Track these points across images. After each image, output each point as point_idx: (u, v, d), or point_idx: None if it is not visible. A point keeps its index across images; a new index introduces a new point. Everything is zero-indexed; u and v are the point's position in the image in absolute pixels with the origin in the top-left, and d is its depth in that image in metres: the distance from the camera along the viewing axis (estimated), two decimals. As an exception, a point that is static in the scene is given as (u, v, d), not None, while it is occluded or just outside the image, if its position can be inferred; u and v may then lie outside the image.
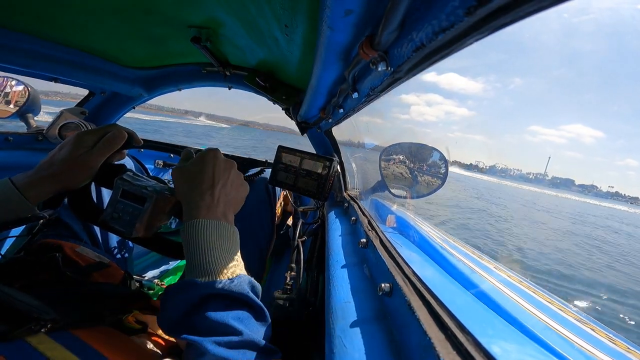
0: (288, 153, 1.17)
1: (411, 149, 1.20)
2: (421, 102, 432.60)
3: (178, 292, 0.48)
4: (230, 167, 0.62)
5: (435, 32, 0.28)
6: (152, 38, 1.03)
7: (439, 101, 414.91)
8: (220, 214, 0.55)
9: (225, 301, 0.47)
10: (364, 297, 0.54)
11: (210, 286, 0.46)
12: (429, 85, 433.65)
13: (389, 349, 0.41)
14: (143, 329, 0.58)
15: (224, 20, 0.81)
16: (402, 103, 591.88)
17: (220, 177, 0.58)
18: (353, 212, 0.97)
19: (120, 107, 1.63)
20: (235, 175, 0.62)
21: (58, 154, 0.60)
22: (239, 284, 0.48)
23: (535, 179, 69.89)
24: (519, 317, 0.53)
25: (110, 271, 0.75)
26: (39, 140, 1.45)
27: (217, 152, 0.61)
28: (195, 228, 0.51)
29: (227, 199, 0.58)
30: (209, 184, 0.56)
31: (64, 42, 1.02)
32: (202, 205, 0.54)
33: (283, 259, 1.55)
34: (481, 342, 0.31)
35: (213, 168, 0.58)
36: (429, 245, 0.85)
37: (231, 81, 1.42)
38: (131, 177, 0.63)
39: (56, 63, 1.05)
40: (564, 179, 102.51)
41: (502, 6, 0.21)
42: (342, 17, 0.37)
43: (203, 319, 0.45)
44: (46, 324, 0.43)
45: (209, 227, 0.51)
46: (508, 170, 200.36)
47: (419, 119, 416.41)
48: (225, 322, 0.45)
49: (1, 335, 0.39)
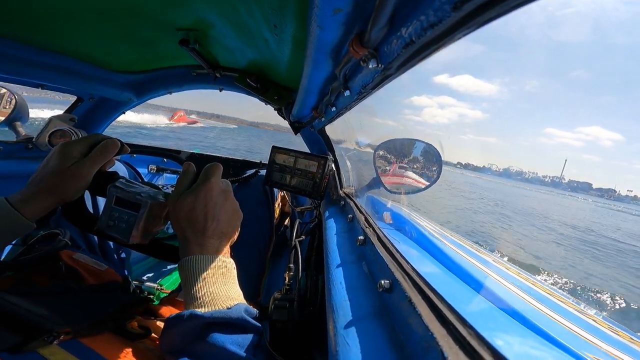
0: (282, 153, 1.17)
1: (404, 145, 1.20)
2: (434, 104, 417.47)
3: (179, 322, 0.49)
4: (225, 199, 0.61)
5: (424, 28, 0.28)
6: (140, 41, 1.01)
7: (451, 103, 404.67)
8: (214, 250, 0.57)
9: (225, 328, 0.49)
10: (363, 294, 0.54)
11: (209, 316, 0.49)
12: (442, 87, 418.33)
13: (392, 344, 0.41)
14: (146, 334, 0.58)
15: (212, 22, 0.80)
16: (414, 105, 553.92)
17: (213, 215, 0.58)
18: (349, 209, 0.97)
19: (110, 113, 1.61)
20: (230, 207, 0.62)
21: (46, 167, 0.60)
22: (236, 311, 0.51)
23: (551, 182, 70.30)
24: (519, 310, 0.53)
25: (108, 277, 0.75)
26: (29, 149, 1.43)
27: (212, 185, 0.60)
28: (191, 264, 0.54)
29: (221, 234, 0.59)
30: (202, 224, 0.57)
31: (49, 47, 1.00)
32: (195, 243, 0.56)
33: (281, 260, 1.55)
34: (483, 335, 0.31)
35: (206, 207, 0.58)
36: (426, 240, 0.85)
37: (222, 83, 1.41)
38: (124, 184, 0.62)
39: (42, 69, 1.03)
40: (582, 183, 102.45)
41: (488, 1, 0.22)
42: (331, 15, 0.37)
43: (205, 346, 0.47)
44: (59, 335, 0.44)
45: (203, 262, 0.54)
46: (523, 173, 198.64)
47: (431, 122, 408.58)
48: (226, 348, 0.47)
49: (15, 347, 0.39)
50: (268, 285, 1.34)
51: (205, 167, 0.62)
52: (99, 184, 0.63)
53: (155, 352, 0.54)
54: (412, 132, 1.54)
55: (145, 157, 1.93)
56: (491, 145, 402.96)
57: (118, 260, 0.98)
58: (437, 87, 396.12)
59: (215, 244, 0.57)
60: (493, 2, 0.22)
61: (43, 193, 0.59)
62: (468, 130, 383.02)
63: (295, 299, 0.77)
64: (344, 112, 0.84)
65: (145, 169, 1.99)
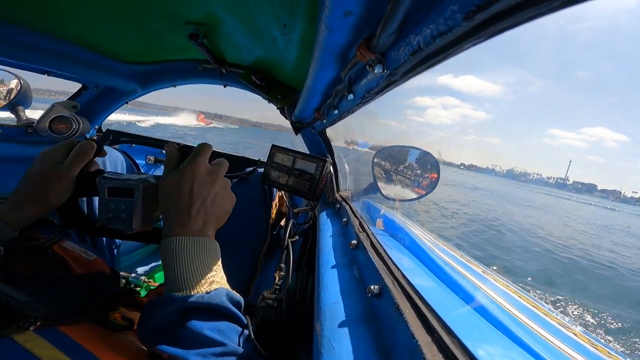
0: (281, 152, 1.17)
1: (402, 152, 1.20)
2: (437, 105, 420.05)
3: (157, 306, 0.48)
4: (214, 180, 0.59)
5: (433, 36, 0.28)
6: (149, 33, 1.02)
7: (455, 104, 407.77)
8: (197, 231, 0.54)
9: (204, 314, 0.48)
10: (353, 298, 0.54)
11: (186, 300, 0.47)
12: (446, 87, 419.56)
13: (377, 350, 0.41)
14: (129, 326, 0.57)
15: (222, 18, 0.81)
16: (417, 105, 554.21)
17: (199, 194, 0.56)
18: (344, 213, 0.97)
19: (113, 102, 1.61)
20: (220, 188, 0.59)
21: (29, 175, 0.60)
22: (216, 295, 0.49)
23: (555, 183, 69.48)
24: (504, 321, 0.53)
25: (96, 267, 0.74)
26: (28, 133, 1.43)
27: (198, 165, 0.58)
28: (171, 246, 0.51)
29: (206, 216, 0.56)
30: (186, 203, 0.55)
31: (57, 34, 1.00)
32: (178, 222, 0.54)
33: (273, 259, 1.55)
34: (467, 345, 0.31)
35: (191, 185, 0.56)
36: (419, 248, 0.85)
37: (227, 79, 1.41)
38: (112, 174, 0.62)
39: (49, 56, 1.04)
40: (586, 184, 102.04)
41: (501, 12, 0.21)
42: (341, 18, 0.37)
43: (183, 332, 0.46)
44: (36, 322, 0.43)
45: (183, 244, 0.51)
46: (527, 174, 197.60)
47: (434, 122, 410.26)
48: (204, 334, 0.46)
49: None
50: (258, 284, 1.34)
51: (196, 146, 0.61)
52: (86, 183, 0.62)
53: (136, 345, 0.53)
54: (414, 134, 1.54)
55: (144, 148, 1.93)
56: (494, 146, 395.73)
57: (108, 251, 0.97)
58: (440, 87, 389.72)
59: (199, 224, 0.55)
60: (505, 13, 0.21)
61: (26, 200, 0.59)
62: (471, 131, 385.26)
63: (284, 299, 0.77)
64: (346, 116, 0.85)
65: (143, 160, 1.98)
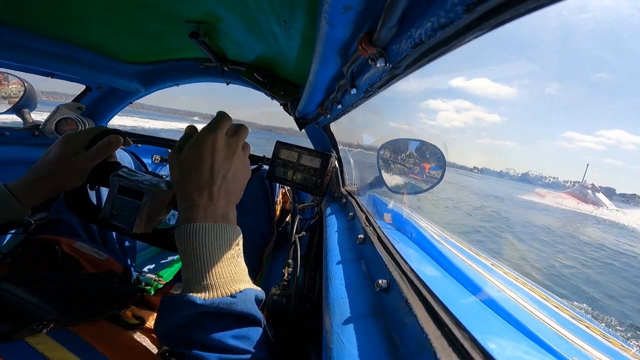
0: (286, 148, 1.17)
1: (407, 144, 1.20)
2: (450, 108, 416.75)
3: (175, 307, 0.43)
4: (234, 152, 0.53)
5: (435, 29, 0.28)
6: (149, 33, 1.02)
7: (467, 107, 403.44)
8: (221, 216, 0.49)
9: (226, 320, 0.43)
10: (361, 293, 0.55)
11: (210, 305, 0.42)
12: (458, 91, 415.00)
13: (386, 344, 0.41)
14: (140, 324, 0.58)
15: (222, 16, 0.81)
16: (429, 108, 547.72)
17: (220, 169, 0.50)
18: (351, 207, 0.97)
19: (117, 103, 1.62)
20: (239, 162, 0.54)
21: (47, 156, 0.61)
22: (244, 300, 0.44)
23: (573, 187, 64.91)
24: (514, 314, 0.53)
25: (108, 267, 0.75)
26: (35, 136, 1.45)
27: (217, 135, 0.51)
28: (192, 234, 0.45)
29: (228, 195, 0.50)
30: (207, 178, 0.49)
31: (60, 37, 1.01)
32: (199, 204, 0.48)
33: (281, 255, 1.56)
34: (477, 338, 0.31)
35: (212, 158, 0.49)
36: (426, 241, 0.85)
37: (229, 77, 1.41)
38: (127, 172, 0.63)
39: (53, 58, 1.05)
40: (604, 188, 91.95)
41: (502, 3, 0.21)
42: (341, 13, 0.37)
43: (202, 336, 0.42)
44: (49, 324, 0.43)
45: (207, 233, 0.45)
46: (543, 178, 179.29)
47: (447, 125, 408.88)
48: (225, 342, 0.42)
49: (3, 336, 0.39)
50: (266, 280, 1.35)
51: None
52: (101, 174, 0.63)
53: (148, 343, 0.54)
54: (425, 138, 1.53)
55: (150, 148, 1.94)
56: (509, 150, 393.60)
57: (120, 250, 0.98)
58: (453, 91, 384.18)
59: (222, 207, 0.49)
60: (506, 4, 0.21)
61: (40, 181, 0.60)
62: (485, 134, 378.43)
63: (293, 295, 0.77)
64: (350, 110, 0.84)
65: (149, 159, 2.00)
